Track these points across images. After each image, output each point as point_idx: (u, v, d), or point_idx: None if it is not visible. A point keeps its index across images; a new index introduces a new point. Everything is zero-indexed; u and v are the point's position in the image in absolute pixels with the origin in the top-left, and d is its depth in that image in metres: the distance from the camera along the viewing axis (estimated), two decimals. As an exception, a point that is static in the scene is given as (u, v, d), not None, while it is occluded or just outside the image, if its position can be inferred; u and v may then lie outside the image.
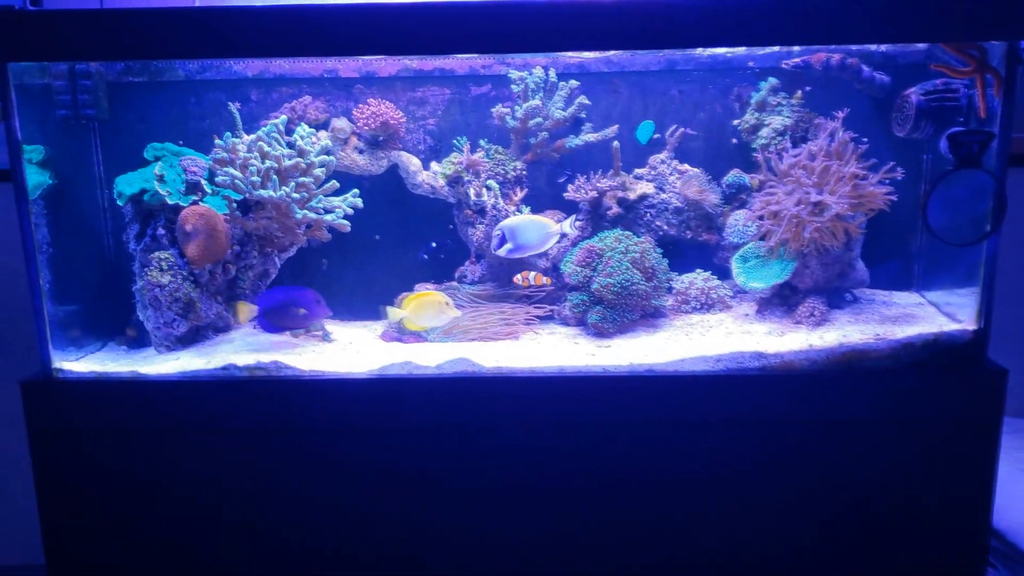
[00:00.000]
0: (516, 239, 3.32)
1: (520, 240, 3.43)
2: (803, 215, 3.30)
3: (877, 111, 3.66)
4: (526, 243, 3.43)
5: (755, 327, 3.36)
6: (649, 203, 3.83)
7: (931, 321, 3.27)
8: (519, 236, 3.33)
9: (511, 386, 3.10)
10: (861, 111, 3.60)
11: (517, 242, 3.41)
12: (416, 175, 3.78)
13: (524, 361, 3.15)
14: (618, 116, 3.83)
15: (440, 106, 3.83)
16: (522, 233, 3.33)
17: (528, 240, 3.44)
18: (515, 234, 3.31)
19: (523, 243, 3.42)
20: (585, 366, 3.15)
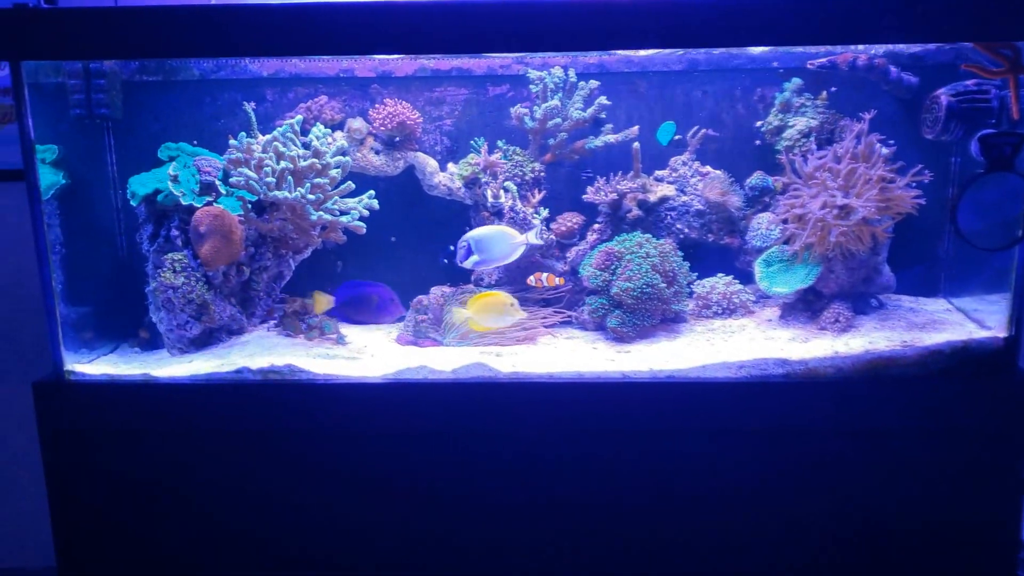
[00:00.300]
0: (482, 251, 3.25)
1: (486, 252, 3.27)
2: (829, 219, 3.24)
3: (904, 113, 3.59)
4: (492, 255, 3.27)
5: (778, 333, 3.30)
6: (670, 205, 3.77)
7: (959, 328, 3.22)
8: (485, 248, 3.25)
9: (528, 392, 3.07)
10: (887, 113, 3.56)
11: (483, 254, 3.27)
12: (433, 176, 3.74)
13: (541, 366, 3.13)
14: (639, 117, 3.79)
15: (457, 106, 3.79)
16: (488, 244, 3.25)
17: (494, 252, 3.27)
18: (481, 246, 3.26)
19: (489, 255, 3.27)
20: (604, 372, 3.12)
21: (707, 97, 3.69)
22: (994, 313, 3.14)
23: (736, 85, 3.75)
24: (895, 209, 3.23)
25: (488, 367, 3.14)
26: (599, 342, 3.41)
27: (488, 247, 3.26)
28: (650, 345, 3.33)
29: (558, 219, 3.68)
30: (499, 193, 3.58)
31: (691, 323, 3.65)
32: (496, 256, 3.32)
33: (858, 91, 3.59)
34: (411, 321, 3.73)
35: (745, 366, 3.09)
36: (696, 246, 3.75)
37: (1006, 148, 2.85)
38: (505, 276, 3.71)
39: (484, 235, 3.28)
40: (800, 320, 3.48)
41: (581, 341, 3.42)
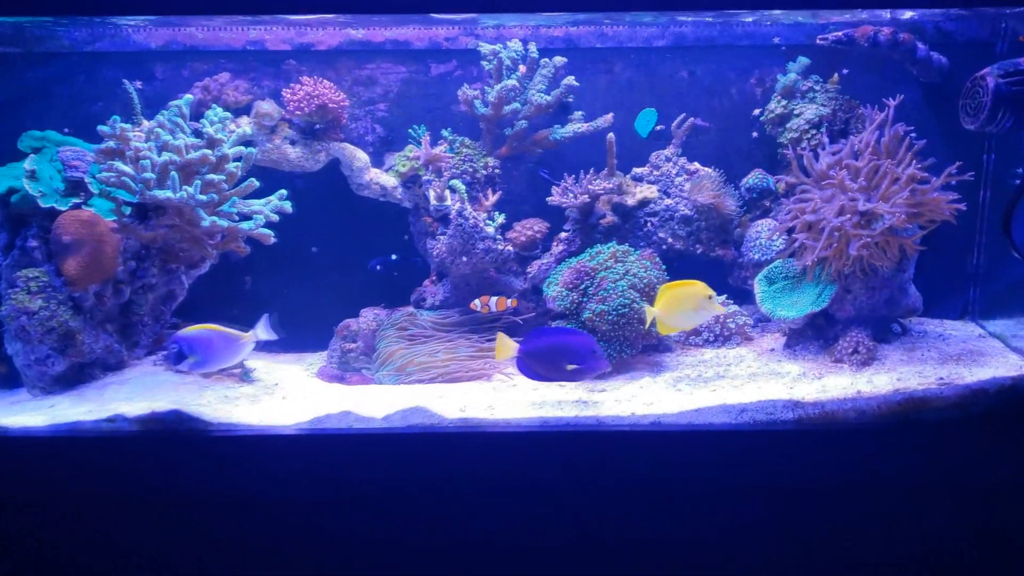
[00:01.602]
0: (200, 353, 2.73)
1: (203, 354, 2.76)
2: (848, 227, 2.68)
3: (931, 99, 3.09)
4: (213, 357, 2.77)
5: (785, 366, 2.87)
6: (651, 210, 3.22)
7: (1003, 360, 2.88)
8: (203, 350, 2.74)
9: (480, 444, 2.62)
10: (911, 100, 3.15)
11: (200, 357, 2.75)
12: (362, 173, 3.13)
13: (497, 410, 2.71)
14: (614, 103, 3.29)
15: (393, 88, 3.22)
16: (206, 347, 2.74)
17: (213, 355, 2.77)
18: (196, 347, 2.73)
19: (209, 357, 2.77)
20: (575, 417, 2.67)
21: (695, 79, 3.32)
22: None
23: (730, 65, 3.31)
24: (928, 216, 2.70)
25: (430, 412, 2.67)
26: (567, 377, 2.82)
27: (206, 349, 2.74)
28: (630, 382, 2.81)
29: (517, 226, 3.11)
30: (444, 194, 2.98)
31: (677, 352, 3.11)
32: (217, 359, 2.77)
33: (877, 73, 3.05)
34: (336, 351, 3.13)
35: (748, 410, 2.63)
36: (682, 259, 3.26)
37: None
38: (454, 297, 3.11)
39: (200, 336, 2.74)
40: (810, 350, 2.95)
41: (545, 376, 2.87)
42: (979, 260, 3.31)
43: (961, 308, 3.38)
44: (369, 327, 3.18)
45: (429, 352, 3.06)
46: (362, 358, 3.19)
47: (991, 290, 3.33)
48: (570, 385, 3.00)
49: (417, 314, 3.17)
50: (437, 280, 3.21)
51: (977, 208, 3.24)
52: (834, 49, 3.05)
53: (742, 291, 3.26)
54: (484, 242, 3.03)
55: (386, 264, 3.18)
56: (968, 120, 2.84)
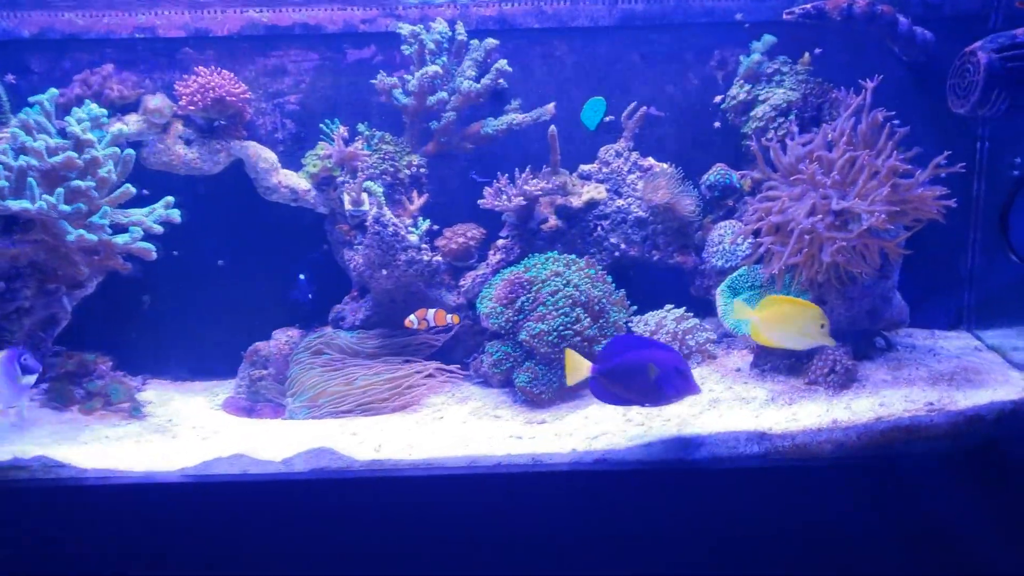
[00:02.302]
0: None
1: None
2: (820, 229, 2.32)
3: (917, 80, 2.88)
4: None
5: (752, 390, 2.70)
6: (600, 212, 2.89)
7: (1002, 379, 2.60)
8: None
9: (396, 491, 2.35)
10: (894, 81, 2.80)
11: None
12: (269, 175, 2.78)
13: (418, 449, 2.44)
14: (557, 91, 2.98)
15: (305, 78, 2.91)
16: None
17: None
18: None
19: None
20: (508, 455, 2.40)
21: (648, 63, 2.99)
22: None
23: (687, 46, 3.01)
24: (913, 215, 2.34)
25: (337, 453, 2.40)
26: (505, 407, 2.80)
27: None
28: (574, 411, 2.66)
29: (447, 233, 2.78)
30: (360, 198, 2.61)
31: None
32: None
33: (855, 52, 2.70)
34: (245, 378, 2.77)
35: (707, 443, 2.37)
36: (637, 266, 2.96)
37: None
38: (376, 314, 2.75)
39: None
40: (780, 370, 2.64)
41: (480, 405, 2.79)
42: (973, 261, 3.01)
43: (954, 316, 3.03)
44: (281, 351, 2.84)
45: (345, 380, 2.71)
46: (274, 387, 2.85)
47: (988, 295, 3.04)
48: (506, 416, 2.65)
49: (334, 335, 2.81)
50: (359, 296, 2.84)
51: (970, 202, 2.93)
52: (804, 25, 2.71)
53: (705, 302, 2.95)
54: (407, 252, 2.67)
55: (303, 287, 2.83)
56: (957, 103, 2.48)
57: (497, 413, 2.68)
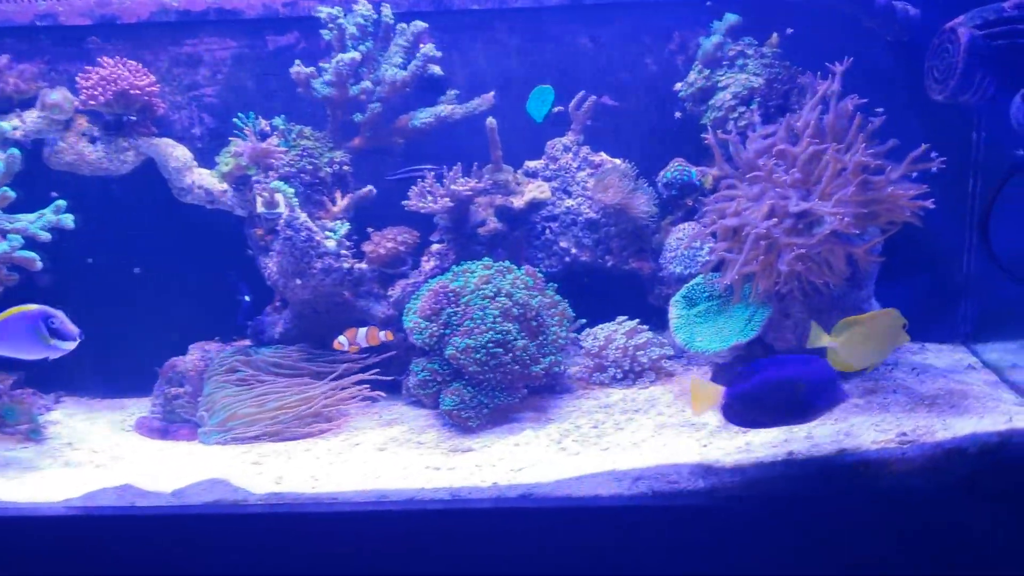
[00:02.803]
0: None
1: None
2: (777, 234, 2.03)
3: (900, 63, 2.57)
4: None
5: (704, 415, 2.38)
6: (548, 213, 2.62)
7: (992, 404, 2.30)
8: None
9: (294, 529, 2.11)
10: (874, 64, 2.56)
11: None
12: (183, 175, 2.57)
13: (322, 482, 2.24)
14: (500, 78, 2.76)
15: (223, 68, 2.68)
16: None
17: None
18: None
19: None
20: (422, 489, 2.16)
21: (600, 47, 2.77)
22: None
23: (643, 27, 2.78)
24: (886, 217, 2.04)
25: (232, 486, 2.19)
26: (432, 431, 2.56)
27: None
28: (505, 437, 2.46)
29: (375, 237, 2.51)
30: (275, 199, 2.36)
31: (577, 394, 2.52)
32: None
33: (830, 32, 2.44)
34: (160, 397, 2.57)
35: (644, 477, 2.12)
36: (591, 274, 2.55)
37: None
38: (297, 327, 2.53)
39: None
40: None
41: (406, 429, 2.54)
42: (970, 266, 2.68)
43: (949, 328, 2.70)
44: (197, 367, 2.63)
45: (256, 401, 2.46)
46: (192, 406, 2.61)
47: (987, 304, 2.69)
48: (430, 443, 2.40)
49: (251, 351, 2.57)
50: (281, 307, 2.60)
51: (966, 200, 2.59)
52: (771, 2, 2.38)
53: (665, 312, 2.63)
54: (323, 259, 2.43)
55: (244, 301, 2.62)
56: (936, 87, 2.18)
57: (421, 439, 2.43)
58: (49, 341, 2.25)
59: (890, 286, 2.58)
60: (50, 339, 2.25)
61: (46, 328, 2.26)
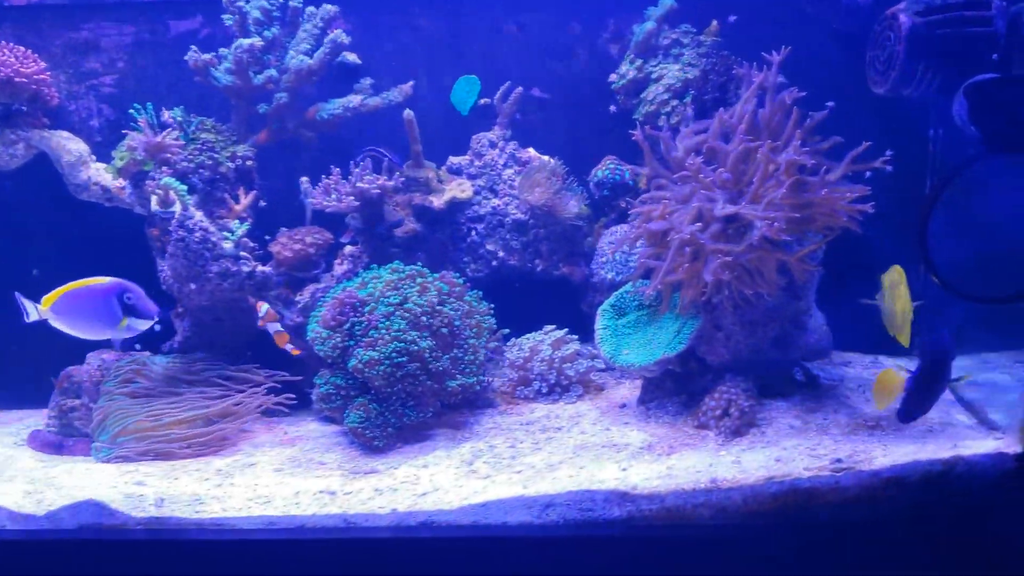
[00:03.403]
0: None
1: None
2: (704, 240, 1.85)
3: (847, 53, 2.37)
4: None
5: (628, 433, 2.31)
6: (474, 214, 2.43)
7: (941, 428, 2.14)
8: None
9: (174, 557, 1.99)
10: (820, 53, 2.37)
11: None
12: (78, 170, 2.41)
13: (209, 506, 2.07)
14: (421, 66, 2.63)
15: (122, 55, 2.43)
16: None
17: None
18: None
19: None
20: (312, 516, 2.01)
21: (528, 34, 2.63)
22: (1004, 391, 2.20)
23: (574, 13, 2.63)
24: (822, 222, 1.85)
25: (109, 509, 2.03)
26: (337, 450, 2.38)
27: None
28: (413, 458, 2.30)
29: (282, 238, 2.33)
30: (171, 196, 2.18)
31: (499, 409, 2.36)
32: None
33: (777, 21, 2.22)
34: (55, 409, 2.44)
35: (556, 503, 1.98)
36: (520, 278, 2.37)
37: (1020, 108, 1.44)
38: (196, 336, 2.37)
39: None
40: (668, 409, 2.19)
41: (310, 447, 2.37)
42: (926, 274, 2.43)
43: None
44: (93, 377, 2.46)
45: (149, 415, 2.28)
46: (88, 418, 2.45)
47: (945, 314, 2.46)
48: (332, 463, 2.25)
49: (148, 360, 2.39)
50: (180, 315, 2.42)
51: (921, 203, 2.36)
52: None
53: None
54: (219, 262, 2.25)
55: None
56: (877, 80, 2.00)
57: (324, 459, 2.25)
58: (122, 325, 2.13)
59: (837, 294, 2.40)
60: (124, 318, 2.13)
61: (120, 304, 2.14)
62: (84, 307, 2.16)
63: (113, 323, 2.13)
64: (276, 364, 2.49)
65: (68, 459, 2.49)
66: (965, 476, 1.94)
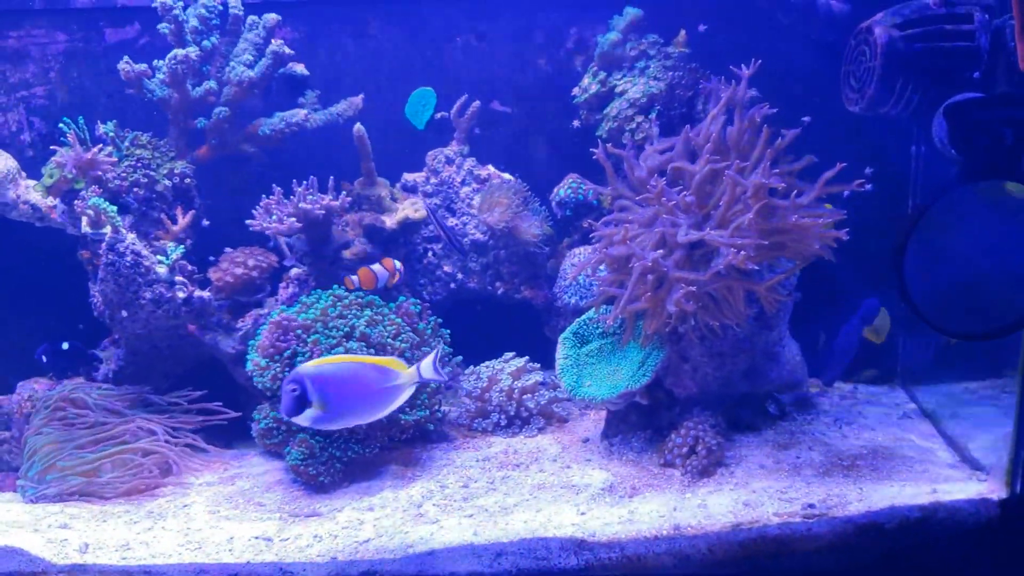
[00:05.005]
0: (331, 399, 1.78)
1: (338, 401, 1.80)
2: (667, 266, 1.73)
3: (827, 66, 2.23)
4: (350, 405, 1.82)
5: (589, 472, 2.21)
6: (431, 234, 2.29)
7: (920, 468, 2.03)
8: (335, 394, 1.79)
9: None
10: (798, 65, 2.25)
11: (334, 405, 1.80)
12: (5, 188, 2.32)
13: (136, 552, 1.94)
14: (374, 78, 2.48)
15: (54, 64, 2.30)
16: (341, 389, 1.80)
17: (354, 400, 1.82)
18: (328, 390, 1.78)
19: (344, 406, 1.81)
20: (247, 564, 1.86)
21: (489, 44, 2.51)
22: (990, 426, 2.03)
23: (536, 23, 2.49)
24: (793, 249, 1.75)
25: (28, 556, 1.91)
26: (277, 490, 2.26)
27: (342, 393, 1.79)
28: (359, 499, 2.19)
29: (223, 261, 2.22)
30: (100, 217, 2.05)
31: (455, 444, 2.23)
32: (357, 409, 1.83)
33: (749, 30, 2.09)
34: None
35: (508, 552, 1.84)
36: (481, 302, 2.24)
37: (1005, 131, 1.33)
38: (131, 364, 2.25)
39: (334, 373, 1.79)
40: (633, 445, 2.08)
41: (248, 487, 2.25)
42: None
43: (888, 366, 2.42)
44: (23, 409, 2.31)
45: (78, 450, 2.14)
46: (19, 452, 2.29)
47: (929, 341, 2.36)
48: (272, 505, 2.12)
49: (80, 391, 2.25)
50: (118, 341, 2.29)
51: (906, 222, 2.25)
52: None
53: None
54: (152, 288, 2.12)
55: (52, 352, 2.31)
56: (852, 97, 1.89)
57: (263, 499, 2.12)
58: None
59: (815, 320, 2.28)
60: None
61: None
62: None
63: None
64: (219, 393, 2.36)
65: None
66: (945, 523, 1.83)
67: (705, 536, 1.87)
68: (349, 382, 1.85)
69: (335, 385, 1.82)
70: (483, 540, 1.90)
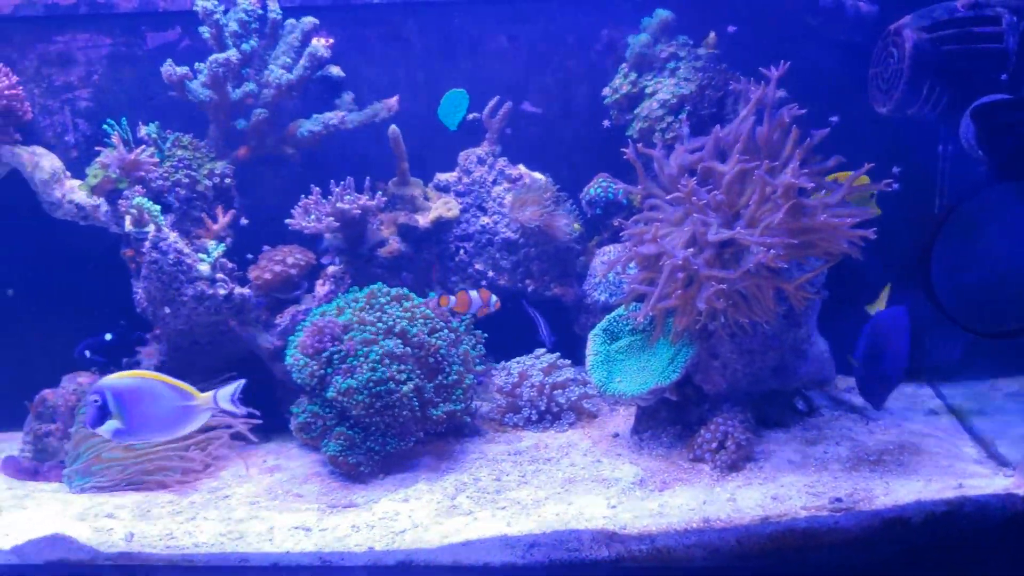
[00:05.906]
0: (129, 413, 1.88)
1: (135, 416, 1.89)
2: (698, 265, 1.78)
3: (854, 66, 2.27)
4: (146, 421, 1.91)
5: (620, 467, 2.23)
6: (463, 232, 2.37)
7: (946, 463, 2.06)
8: (133, 409, 1.89)
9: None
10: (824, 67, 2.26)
11: (131, 419, 1.89)
12: (52, 187, 2.36)
13: (179, 540, 2.00)
14: (407, 80, 2.54)
15: (98, 68, 2.42)
16: (138, 405, 1.89)
17: (150, 416, 1.91)
18: (126, 404, 1.88)
19: (140, 421, 1.90)
20: (286, 554, 1.93)
21: (519, 46, 2.55)
22: (1018, 421, 2.11)
23: (568, 24, 2.54)
24: (822, 248, 1.78)
25: (77, 543, 1.96)
26: (315, 481, 2.32)
27: (139, 408, 1.88)
28: (395, 491, 2.22)
29: (262, 259, 2.27)
30: (143, 216, 2.12)
31: (487, 438, 2.30)
32: (153, 424, 1.90)
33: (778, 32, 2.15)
34: (30, 434, 2.45)
35: (541, 543, 1.88)
36: (511, 298, 2.31)
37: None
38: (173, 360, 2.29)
39: (132, 387, 1.88)
40: (663, 440, 2.14)
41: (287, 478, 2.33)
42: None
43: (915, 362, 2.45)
44: (68, 402, 2.41)
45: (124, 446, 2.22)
46: (64, 444, 2.38)
47: (956, 338, 2.39)
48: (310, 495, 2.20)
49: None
50: (160, 336, 2.36)
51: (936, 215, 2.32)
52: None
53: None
54: (194, 285, 2.20)
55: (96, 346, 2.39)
56: (880, 98, 1.92)
57: (301, 491, 2.19)
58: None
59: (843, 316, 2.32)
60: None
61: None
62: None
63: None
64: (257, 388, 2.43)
65: (42, 486, 2.45)
66: (971, 518, 1.87)
67: (734, 529, 1.92)
68: (146, 398, 1.91)
69: (133, 400, 1.88)
70: (516, 532, 1.96)
